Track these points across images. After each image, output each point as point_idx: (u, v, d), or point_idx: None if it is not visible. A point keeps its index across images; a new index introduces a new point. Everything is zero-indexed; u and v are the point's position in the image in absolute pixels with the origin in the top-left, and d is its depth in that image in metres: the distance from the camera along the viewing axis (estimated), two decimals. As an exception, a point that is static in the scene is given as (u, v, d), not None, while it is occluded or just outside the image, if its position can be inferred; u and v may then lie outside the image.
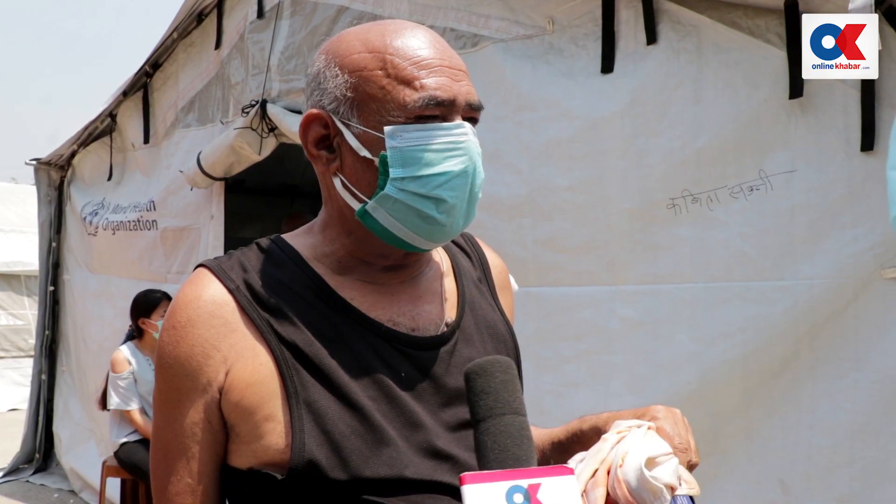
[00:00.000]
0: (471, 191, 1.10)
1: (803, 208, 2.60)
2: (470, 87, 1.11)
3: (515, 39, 3.35)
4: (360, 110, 1.09)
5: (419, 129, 1.06)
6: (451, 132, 1.07)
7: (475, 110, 1.12)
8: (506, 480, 0.94)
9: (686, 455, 1.04)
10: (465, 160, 1.07)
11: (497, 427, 0.98)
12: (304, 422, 1.03)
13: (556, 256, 3.18)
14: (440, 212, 1.07)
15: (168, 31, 5.39)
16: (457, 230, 1.12)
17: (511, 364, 1.03)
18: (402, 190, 1.06)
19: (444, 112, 1.07)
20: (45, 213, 6.82)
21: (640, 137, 2.96)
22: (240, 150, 4.64)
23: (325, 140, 1.13)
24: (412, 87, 1.06)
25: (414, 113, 1.06)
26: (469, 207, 1.11)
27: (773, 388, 2.67)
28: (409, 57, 1.08)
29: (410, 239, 1.10)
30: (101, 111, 6.07)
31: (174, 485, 1.09)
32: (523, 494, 0.93)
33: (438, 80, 1.07)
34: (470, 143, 1.08)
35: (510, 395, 1.00)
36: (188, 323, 1.08)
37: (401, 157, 1.06)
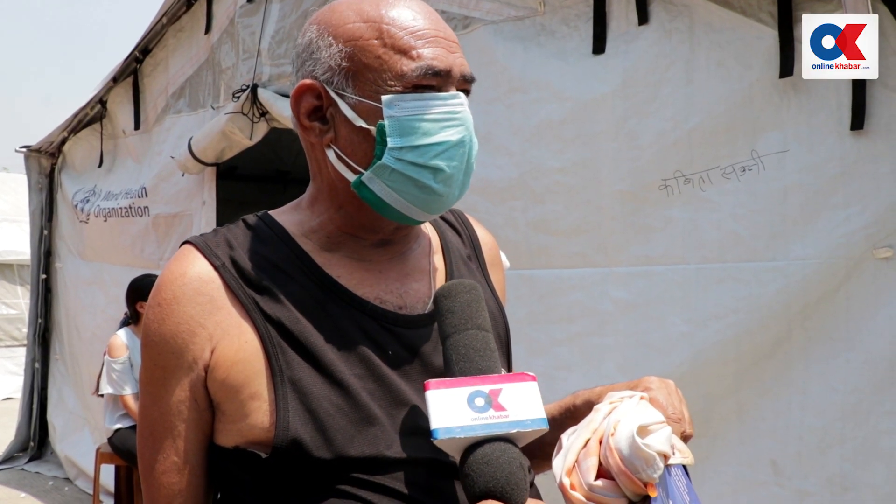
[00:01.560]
0: (468, 161, 1.10)
1: (796, 188, 2.59)
2: (463, 59, 1.11)
3: (506, 21, 3.32)
4: (356, 80, 1.08)
5: (417, 99, 1.05)
6: (448, 102, 1.07)
7: (468, 82, 1.12)
8: (468, 386, 0.97)
9: (680, 425, 1.03)
10: (462, 130, 1.08)
11: (462, 341, 1.02)
12: (289, 400, 1.02)
13: (548, 239, 3.17)
14: (437, 181, 1.07)
15: (157, 16, 5.36)
16: (452, 201, 1.12)
17: (475, 286, 1.08)
18: (399, 160, 1.05)
19: (440, 82, 1.07)
20: (36, 200, 6.80)
21: (631, 118, 2.94)
22: (231, 136, 4.61)
23: (318, 111, 1.12)
24: (409, 57, 1.05)
25: (412, 82, 1.05)
26: (465, 178, 1.11)
27: (766, 368, 2.67)
28: (405, 27, 1.07)
29: (406, 210, 1.09)
30: (91, 98, 6.04)
31: (161, 463, 1.08)
32: (484, 398, 0.96)
33: (435, 50, 1.07)
34: (466, 114, 1.09)
35: (474, 313, 1.05)
36: (173, 300, 1.07)
37: (399, 127, 1.05)
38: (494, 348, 1.04)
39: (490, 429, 0.94)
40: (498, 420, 0.95)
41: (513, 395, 0.98)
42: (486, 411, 0.95)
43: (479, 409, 0.95)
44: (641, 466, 0.93)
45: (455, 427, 0.93)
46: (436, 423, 0.94)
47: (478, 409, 0.95)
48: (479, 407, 0.95)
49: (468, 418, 0.94)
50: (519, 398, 0.98)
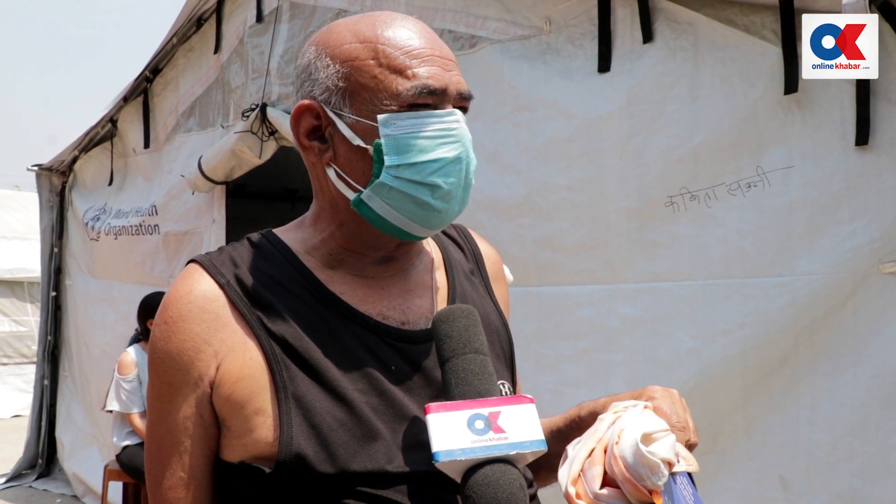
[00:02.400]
0: (465, 177, 1.10)
1: (801, 204, 2.60)
2: (460, 77, 1.12)
3: (513, 40, 3.36)
4: (353, 100, 1.09)
5: (412, 117, 1.07)
6: (444, 119, 1.08)
7: (465, 99, 1.12)
8: (467, 409, 0.99)
9: (684, 434, 1.04)
10: (458, 146, 1.09)
11: (460, 365, 1.04)
12: (293, 415, 1.03)
13: (556, 256, 3.19)
14: (436, 198, 1.08)
15: (167, 36, 5.41)
16: (452, 217, 1.12)
17: (472, 310, 1.10)
18: (397, 177, 1.07)
19: (436, 100, 1.08)
20: (47, 218, 6.84)
21: (637, 136, 2.97)
22: (240, 154, 4.65)
23: (317, 131, 1.14)
24: (404, 76, 1.07)
25: (407, 101, 1.07)
26: (464, 193, 1.12)
27: (773, 384, 2.68)
28: (400, 46, 1.09)
29: (406, 226, 1.11)
30: (102, 117, 6.09)
31: (168, 479, 1.10)
32: (484, 421, 0.99)
33: (430, 69, 1.08)
34: (462, 130, 1.09)
35: (472, 337, 1.06)
36: (179, 318, 1.09)
37: (395, 145, 1.07)
38: (492, 371, 1.06)
39: (490, 451, 0.96)
40: (497, 442, 0.97)
41: (511, 418, 1.00)
42: (485, 434, 0.97)
43: (478, 432, 0.97)
44: (646, 474, 0.93)
45: (456, 449, 0.95)
46: (437, 445, 0.96)
47: (477, 431, 0.97)
48: (478, 429, 0.97)
49: (468, 441, 0.96)
50: (517, 420, 1.00)
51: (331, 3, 4.23)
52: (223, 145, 4.72)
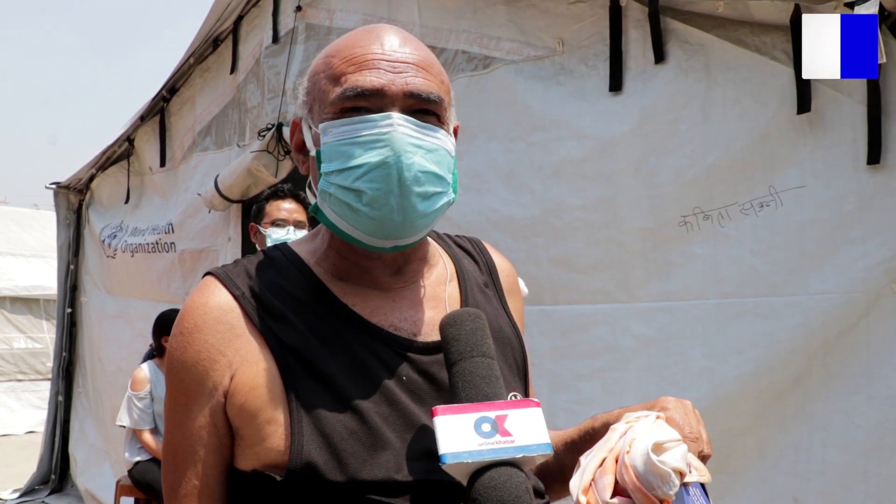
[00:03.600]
0: (400, 183, 1.06)
1: (814, 224, 2.61)
2: (416, 78, 1.10)
3: (526, 61, 3.39)
4: (311, 112, 1.14)
5: (344, 124, 1.08)
6: (377, 124, 1.07)
7: (423, 101, 1.10)
8: (474, 412, 1.00)
9: (697, 445, 1.04)
10: (386, 151, 1.06)
11: (467, 368, 1.05)
12: (304, 424, 1.05)
13: (570, 275, 3.20)
14: (364, 204, 1.07)
15: (184, 56, 5.48)
16: (395, 226, 1.09)
17: (479, 314, 1.10)
18: (331, 184, 1.09)
19: (373, 104, 1.08)
20: (64, 236, 6.90)
21: (650, 156, 2.98)
22: (256, 173, 4.69)
23: (304, 145, 1.19)
24: (338, 83, 1.09)
25: (337, 107, 1.09)
26: (402, 201, 1.07)
27: (786, 404, 2.67)
28: (344, 55, 1.11)
29: (356, 234, 1.11)
30: (119, 136, 6.16)
31: (183, 487, 1.12)
32: (490, 424, 0.99)
33: (367, 73, 1.09)
34: (394, 134, 1.06)
35: (479, 340, 1.07)
36: (195, 329, 1.11)
37: (329, 152, 1.09)
38: (499, 375, 1.07)
39: (497, 453, 0.97)
40: (504, 445, 0.97)
41: (518, 421, 1.00)
42: (492, 436, 0.98)
43: (485, 435, 0.98)
44: (657, 483, 0.93)
45: (463, 452, 0.96)
46: (444, 448, 0.97)
47: (484, 434, 0.98)
48: (485, 432, 0.98)
49: (475, 443, 0.97)
50: (524, 424, 1.00)
51: (346, 24, 4.28)
52: (239, 164, 4.77)
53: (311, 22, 4.54)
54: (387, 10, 4.02)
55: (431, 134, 1.10)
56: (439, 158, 1.11)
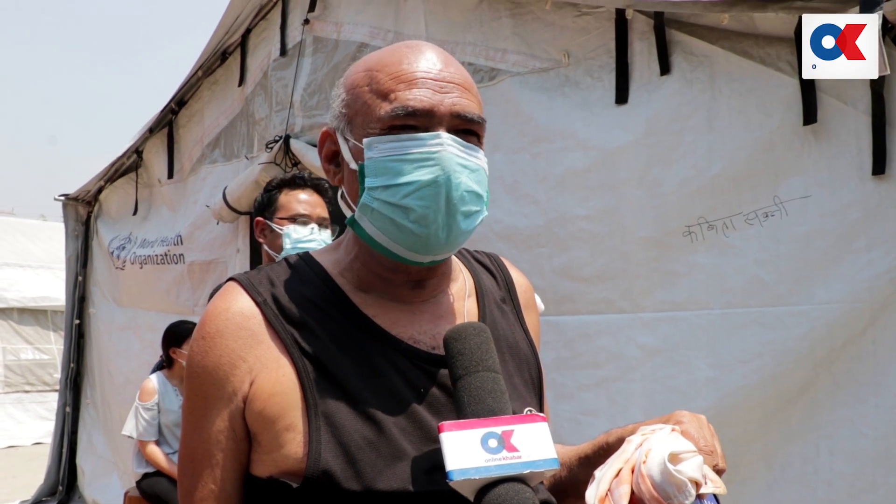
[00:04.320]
0: (447, 202, 1.09)
1: (818, 233, 2.62)
2: (461, 98, 1.13)
3: (532, 73, 3.41)
4: (352, 125, 1.15)
5: (392, 140, 1.10)
6: (427, 143, 1.09)
7: (468, 122, 1.13)
8: (481, 428, 1.00)
9: (712, 458, 1.04)
10: (437, 170, 1.08)
11: (473, 383, 1.05)
12: (321, 432, 1.06)
13: (574, 285, 3.21)
14: (412, 221, 1.09)
15: (193, 69, 5.52)
16: (438, 242, 1.11)
17: (485, 328, 1.10)
18: (376, 199, 1.11)
19: (422, 123, 1.10)
20: (72, 247, 6.93)
21: (655, 167, 3.00)
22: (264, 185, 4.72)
23: (336, 156, 1.20)
24: (387, 100, 1.11)
25: (386, 124, 1.10)
26: (448, 219, 1.10)
27: (792, 413, 2.67)
28: (391, 72, 1.13)
29: (395, 249, 1.13)
30: (128, 148, 6.19)
31: (199, 490, 1.13)
32: (497, 439, 0.99)
33: (417, 91, 1.11)
34: (444, 154, 1.09)
35: (484, 355, 1.07)
36: (217, 333, 1.12)
37: (374, 167, 1.10)
38: (504, 389, 1.07)
39: (504, 469, 0.97)
40: (511, 461, 0.98)
41: (525, 436, 1.00)
42: (499, 452, 0.98)
43: (492, 451, 0.98)
44: (673, 493, 0.94)
45: (470, 468, 0.96)
46: (451, 464, 0.97)
47: (491, 450, 0.98)
48: (492, 448, 0.98)
49: (482, 459, 0.97)
50: (530, 439, 1.00)
51: (353, 37, 4.32)
52: (247, 176, 4.80)
53: (319, 35, 4.58)
54: (394, 23, 4.06)
55: (474, 154, 1.13)
56: (480, 178, 1.14)
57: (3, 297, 10.54)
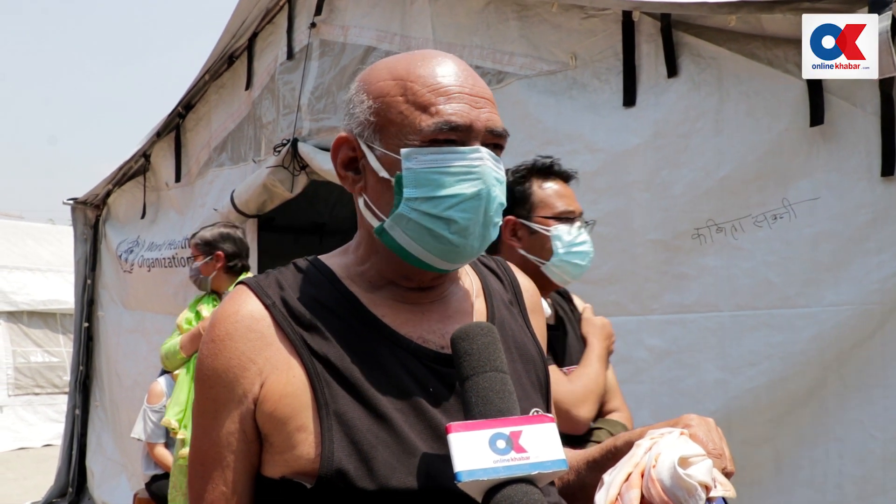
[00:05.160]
0: (485, 214, 1.13)
1: (827, 235, 2.61)
2: (492, 114, 1.15)
3: (539, 75, 3.41)
4: (382, 134, 1.15)
5: (434, 153, 1.11)
6: (467, 157, 1.12)
7: (498, 137, 1.16)
8: (489, 429, 1.00)
9: (720, 461, 1.04)
10: (479, 184, 1.12)
11: (480, 383, 1.05)
12: (334, 432, 1.07)
13: (583, 288, 3.19)
14: (452, 232, 1.12)
15: (200, 73, 5.54)
16: (471, 252, 1.15)
17: (492, 328, 1.11)
18: (415, 210, 1.12)
19: (460, 137, 1.12)
20: (81, 251, 6.96)
21: (663, 169, 3.00)
22: (272, 188, 4.73)
23: (354, 162, 1.20)
24: (428, 113, 1.12)
25: (428, 137, 1.11)
26: (484, 230, 1.14)
27: (801, 416, 2.67)
28: (428, 84, 1.14)
29: (426, 258, 1.15)
30: (136, 152, 6.22)
31: (210, 493, 1.14)
32: (505, 440, 0.99)
33: (456, 106, 1.12)
34: (485, 168, 1.12)
35: (492, 355, 1.08)
36: (226, 336, 1.14)
37: (414, 178, 1.12)
38: (512, 390, 1.07)
39: (512, 470, 0.97)
40: (519, 462, 0.98)
41: (533, 437, 1.00)
42: (507, 453, 0.98)
43: (500, 452, 0.98)
44: (683, 497, 0.95)
45: (478, 469, 0.96)
46: (459, 465, 0.97)
47: (499, 451, 0.98)
48: (500, 449, 0.98)
49: (490, 460, 0.97)
50: (539, 440, 1.00)
51: (360, 41, 4.33)
52: (255, 179, 4.81)
53: (326, 38, 4.59)
54: (400, 27, 4.06)
55: (501, 168, 1.16)
56: (504, 189, 1.17)
57: (12, 301, 10.58)
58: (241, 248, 4.16)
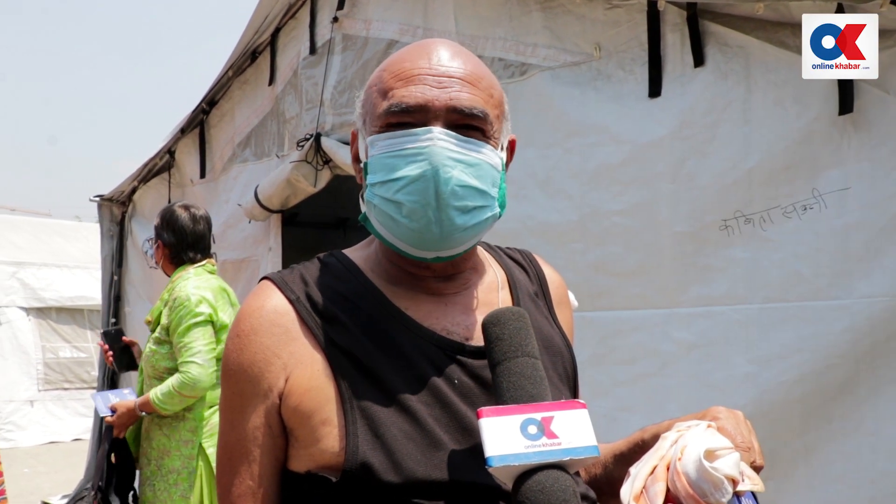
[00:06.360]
0: (437, 196, 1.08)
1: (858, 225, 2.57)
2: (460, 93, 1.11)
3: (563, 67, 3.39)
4: (366, 124, 1.18)
5: (388, 137, 1.11)
6: (418, 138, 1.09)
7: (467, 116, 1.11)
8: (520, 414, 0.99)
9: (749, 455, 1.02)
10: (425, 165, 1.08)
11: (512, 368, 1.04)
12: (358, 426, 1.06)
13: (609, 280, 3.18)
14: (404, 216, 1.10)
15: (223, 69, 5.56)
16: (432, 237, 1.11)
17: (523, 313, 1.09)
18: (375, 195, 1.12)
19: (417, 119, 1.10)
20: (108, 247, 7.02)
21: (689, 160, 2.96)
22: (296, 183, 4.74)
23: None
24: (386, 98, 1.12)
25: (384, 121, 1.12)
26: (440, 213, 1.09)
27: (833, 410, 2.63)
28: (393, 70, 1.14)
29: (398, 245, 1.14)
30: (160, 148, 6.26)
31: (237, 487, 1.13)
32: (537, 426, 0.98)
33: (413, 88, 1.11)
34: (433, 148, 1.08)
35: (523, 340, 1.06)
36: (251, 331, 1.14)
37: (374, 164, 1.13)
38: (544, 375, 1.06)
39: (543, 456, 0.95)
40: (551, 448, 0.96)
41: (564, 423, 0.99)
42: (538, 439, 0.97)
43: (532, 437, 0.97)
44: (709, 490, 0.92)
45: (509, 455, 0.95)
46: (490, 450, 0.96)
47: (531, 436, 0.97)
48: (532, 435, 0.97)
49: (522, 446, 0.96)
50: (570, 425, 0.99)
51: (382, 34, 4.32)
52: (279, 175, 4.82)
53: (348, 32, 4.58)
54: (423, 20, 4.05)
55: (474, 148, 1.11)
56: (481, 173, 1.12)
57: (41, 297, 10.71)
58: (182, 240, 3.64)
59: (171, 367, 3.46)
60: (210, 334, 3.46)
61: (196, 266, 3.66)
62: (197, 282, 3.54)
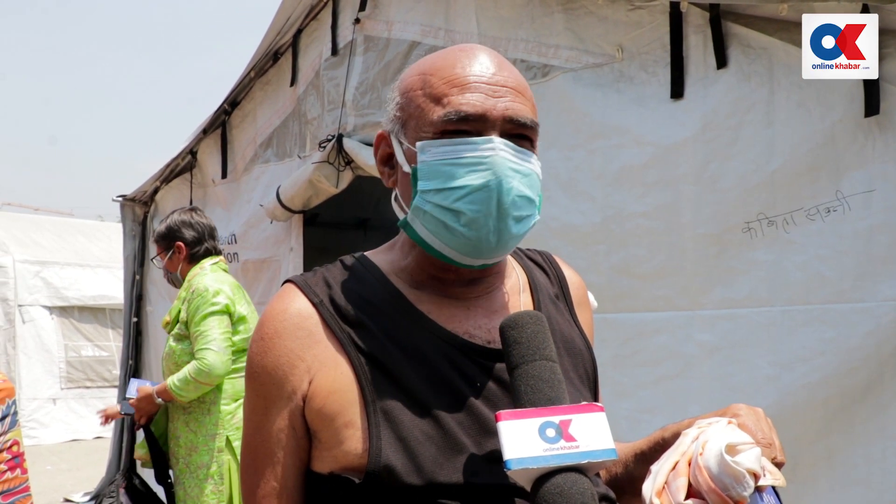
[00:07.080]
0: (498, 206, 1.10)
1: (883, 228, 2.56)
2: (514, 103, 1.13)
3: (585, 68, 3.39)
4: (406, 128, 1.17)
5: (445, 144, 1.11)
6: (479, 147, 1.10)
7: (521, 127, 1.13)
8: (539, 417, 1.00)
9: (770, 451, 1.03)
10: (488, 175, 1.09)
11: (530, 371, 1.05)
12: (381, 428, 1.07)
13: (632, 282, 3.18)
14: (462, 224, 1.10)
15: (245, 70, 5.59)
16: (489, 246, 1.12)
17: (541, 316, 1.10)
18: (428, 202, 1.12)
19: (474, 127, 1.11)
20: (130, 247, 7.07)
21: (713, 162, 2.96)
22: (318, 184, 4.77)
23: (390, 158, 1.22)
24: (440, 104, 1.12)
25: (439, 128, 1.12)
26: (499, 223, 1.11)
27: (856, 413, 2.62)
28: (444, 76, 1.14)
29: (445, 251, 1.14)
30: (182, 149, 6.30)
31: (261, 488, 1.15)
32: (555, 429, 0.99)
33: (470, 96, 1.11)
34: (496, 158, 1.10)
35: (541, 343, 1.07)
36: (275, 334, 1.15)
37: (427, 171, 1.12)
38: (562, 378, 1.07)
39: (562, 459, 0.97)
40: (569, 451, 0.97)
41: (582, 426, 1.00)
42: (557, 442, 0.98)
43: (550, 440, 0.98)
44: (731, 484, 0.93)
45: (528, 457, 0.97)
46: (509, 453, 0.97)
47: (549, 439, 0.98)
48: (550, 437, 0.98)
49: (540, 449, 0.97)
50: (588, 428, 1.00)
51: (404, 35, 4.33)
52: (301, 175, 4.85)
53: (370, 34, 4.60)
54: (444, 21, 4.06)
55: (526, 159, 1.14)
56: (532, 182, 1.14)
57: (64, 296, 10.83)
58: (202, 232, 3.90)
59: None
60: (226, 324, 3.53)
61: (211, 263, 3.78)
62: (214, 276, 3.67)
